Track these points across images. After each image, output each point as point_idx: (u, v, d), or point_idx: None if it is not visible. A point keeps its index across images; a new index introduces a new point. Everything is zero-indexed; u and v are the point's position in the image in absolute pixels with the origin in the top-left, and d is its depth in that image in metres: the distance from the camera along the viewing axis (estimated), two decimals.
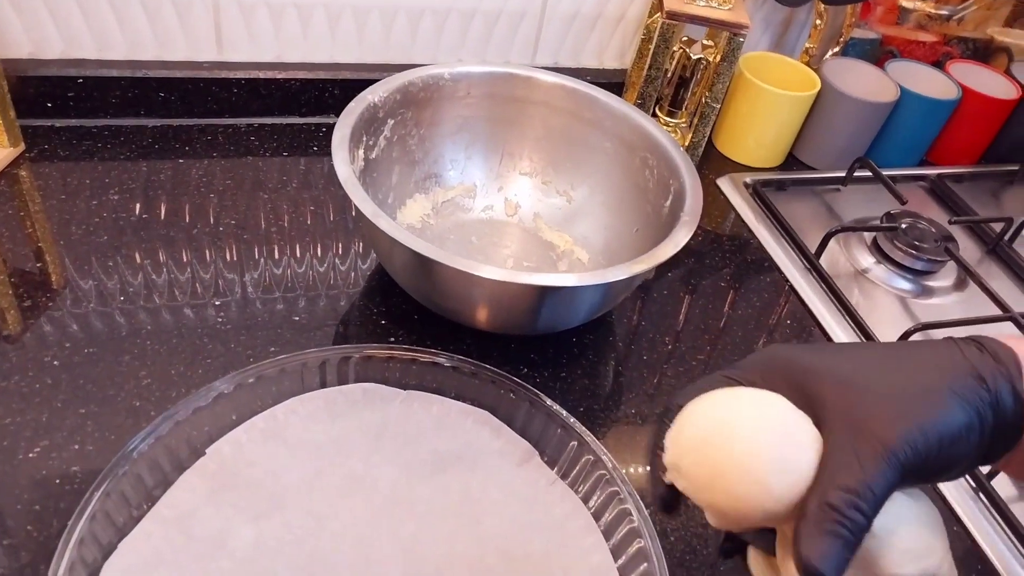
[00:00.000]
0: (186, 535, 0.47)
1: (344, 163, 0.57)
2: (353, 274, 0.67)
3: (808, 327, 0.74)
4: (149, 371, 0.56)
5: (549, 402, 0.55)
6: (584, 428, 0.54)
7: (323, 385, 0.56)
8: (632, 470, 0.59)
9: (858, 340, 0.73)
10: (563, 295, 0.57)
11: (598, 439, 0.54)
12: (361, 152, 0.63)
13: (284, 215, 0.71)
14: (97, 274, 0.62)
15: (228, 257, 0.66)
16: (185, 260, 0.64)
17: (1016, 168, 1.01)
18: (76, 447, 0.51)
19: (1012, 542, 0.60)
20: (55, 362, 0.55)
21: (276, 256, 0.67)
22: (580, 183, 0.74)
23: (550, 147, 0.74)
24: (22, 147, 0.69)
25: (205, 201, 0.70)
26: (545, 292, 0.56)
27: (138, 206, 0.68)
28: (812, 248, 0.81)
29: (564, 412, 0.55)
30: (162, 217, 0.67)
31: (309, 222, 0.71)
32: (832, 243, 0.82)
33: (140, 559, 0.45)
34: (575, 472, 0.55)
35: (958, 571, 0.37)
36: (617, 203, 0.72)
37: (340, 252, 0.69)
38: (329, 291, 0.65)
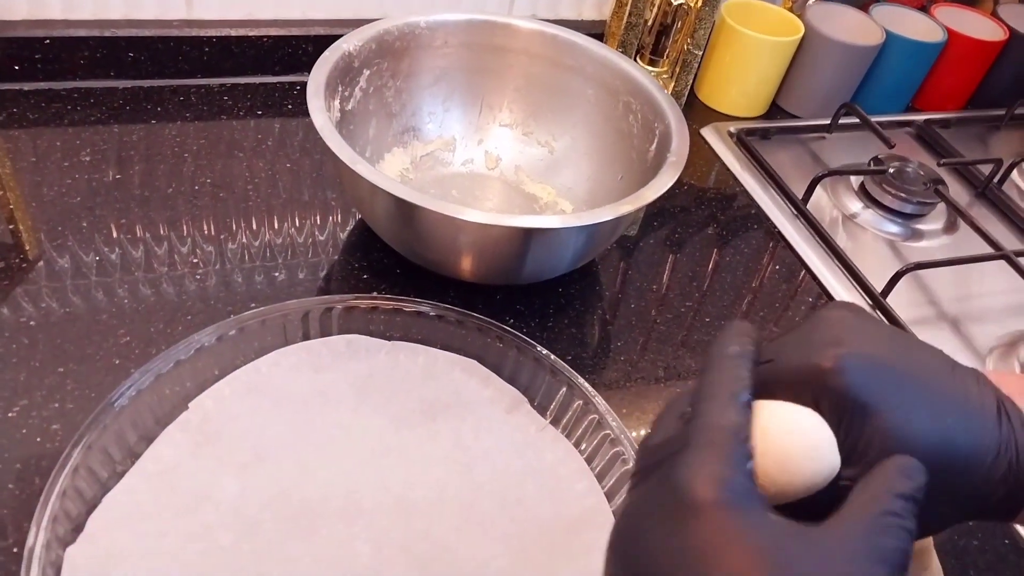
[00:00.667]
0: (170, 488, 0.46)
1: (320, 111, 0.56)
2: (334, 230, 0.66)
3: (797, 272, 0.74)
4: (128, 329, 0.55)
5: (538, 348, 0.55)
6: (574, 372, 0.54)
7: (306, 338, 0.55)
8: (623, 413, 0.58)
9: (850, 285, 0.72)
10: (548, 238, 0.56)
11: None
12: (337, 103, 0.62)
13: (261, 174, 0.69)
14: (71, 235, 0.60)
15: (205, 216, 0.64)
16: (161, 220, 0.63)
17: (1002, 112, 1.00)
18: (56, 405, 0.50)
19: None
20: (31, 323, 0.54)
21: (254, 215, 0.65)
22: (562, 133, 0.72)
23: (530, 97, 0.72)
24: None
25: (180, 162, 0.68)
26: (530, 235, 0.55)
27: (111, 168, 0.66)
28: (799, 195, 0.80)
29: (553, 357, 0.54)
30: (136, 179, 0.66)
31: (287, 180, 0.69)
32: (819, 190, 0.81)
33: (125, 513, 0.45)
34: (566, 418, 0.54)
35: None
36: (600, 151, 0.71)
37: (319, 209, 0.67)
38: (309, 248, 0.64)
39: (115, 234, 0.61)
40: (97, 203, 0.63)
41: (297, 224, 0.65)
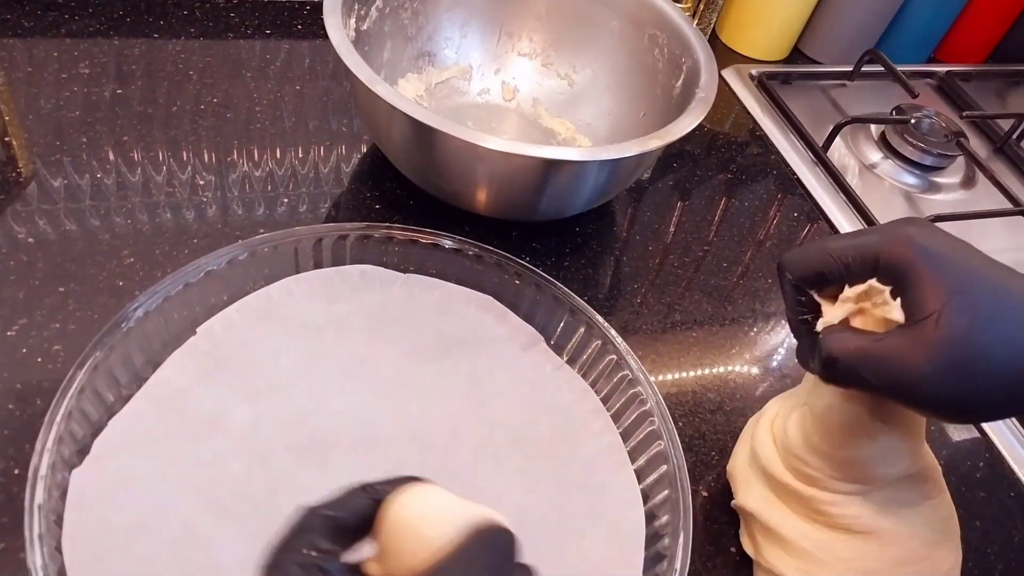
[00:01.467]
0: (179, 414, 0.45)
1: (336, 28, 0.53)
2: (345, 156, 0.63)
3: (814, 220, 0.72)
4: (132, 250, 0.53)
5: (558, 286, 0.53)
6: (594, 311, 0.52)
7: (317, 266, 0.53)
8: (638, 355, 0.57)
9: None
10: (570, 172, 0.54)
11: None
12: (352, 22, 0.59)
13: (269, 95, 0.66)
14: (70, 150, 0.57)
15: (211, 137, 0.61)
16: (165, 139, 0.60)
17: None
18: (57, 326, 0.48)
19: None
20: (29, 239, 0.52)
21: (262, 138, 0.63)
22: (583, 65, 0.70)
23: (552, 26, 0.69)
24: None
25: (184, 79, 0.65)
26: (551, 168, 0.52)
27: (111, 83, 0.63)
28: (819, 142, 0.78)
29: (572, 295, 0.53)
30: (138, 95, 0.63)
31: (294, 105, 0.66)
32: (838, 138, 0.79)
33: (132, 438, 0.43)
34: (583, 358, 0.53)
35: None
36: (623, 86, 0.68)
37: (329, 136, 0.65)
38: (320, 174, 0.61)
39: (116, 152, 0.58)
40: (97, 119, 0.60)
41: (305, 151, 0.63)
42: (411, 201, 0.61)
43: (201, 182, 0.58)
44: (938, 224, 0.69)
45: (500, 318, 0.54)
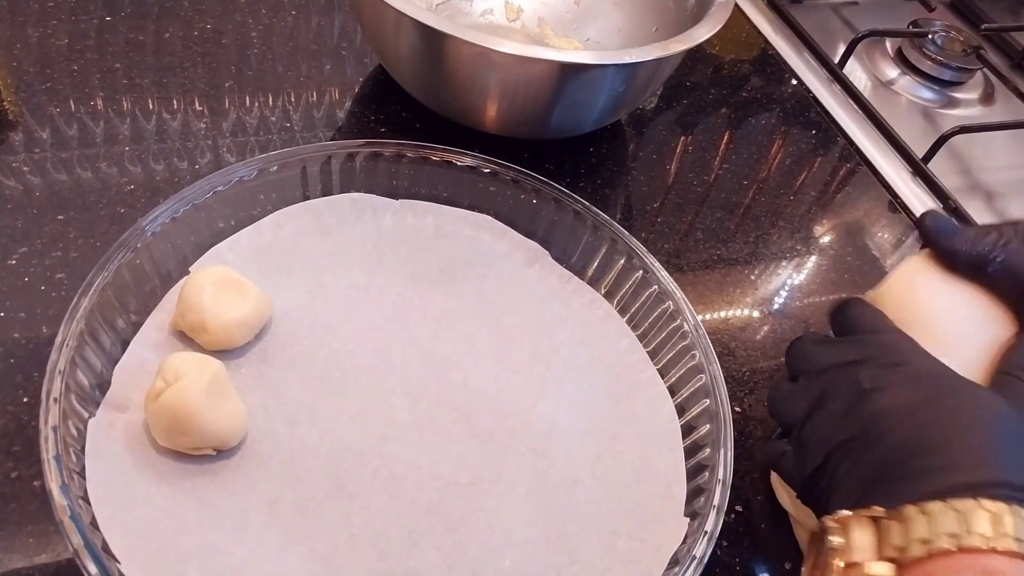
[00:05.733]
0: None
1: None
2: (348, 81, 0.61)
3: (833, 138, 0.70)
4: (131, 178, 0.50)
5: (580, 200, 0.51)
6: (618, 226, 0.50)
7: (325, 187, 0.51)
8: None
9: (888, 151, 0.69)
10: (586, 79, 0.51)
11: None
12: None
13: (265, 19, 0.63)
14: (61, 79, 0.55)
15: (207, 63, 0.59)
16: (158, 65, 0.58)
17: None
18: (58, 254, 0.46)
19: None
20: (24, 168, 0.49)
21: (260, 62, 0.60)
22: None
23: None
24: None
25: (176, 5, 0.62)
26: (567, 73, 0.50)
27: (99, 10, 0.60)
28: (835, 59, 0.75)
29: (595, 209, 0.51)
30: (127, 22, 0.60)
31: (294, 25, 0.63)
32: (852, 57, 0.77)
33: (143, 372, 0.41)
34: (609, 274, 0.51)
35: None
36: (632, 1, 0.65)
37: (331, 57, 0.62)
38: (321, 97, 0.59)
39: (109, 79, 0.56)
40: (87, 46, 0.57)
41: (306, 75, 0.60)
42: (417, 124, 0.59)
43: (199, 108, 0.56)
44: (961, 135, 0.68)
45: (500, 236, 0.53)
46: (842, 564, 0.31)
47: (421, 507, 0.40)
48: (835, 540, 0.32)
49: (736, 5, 0.81)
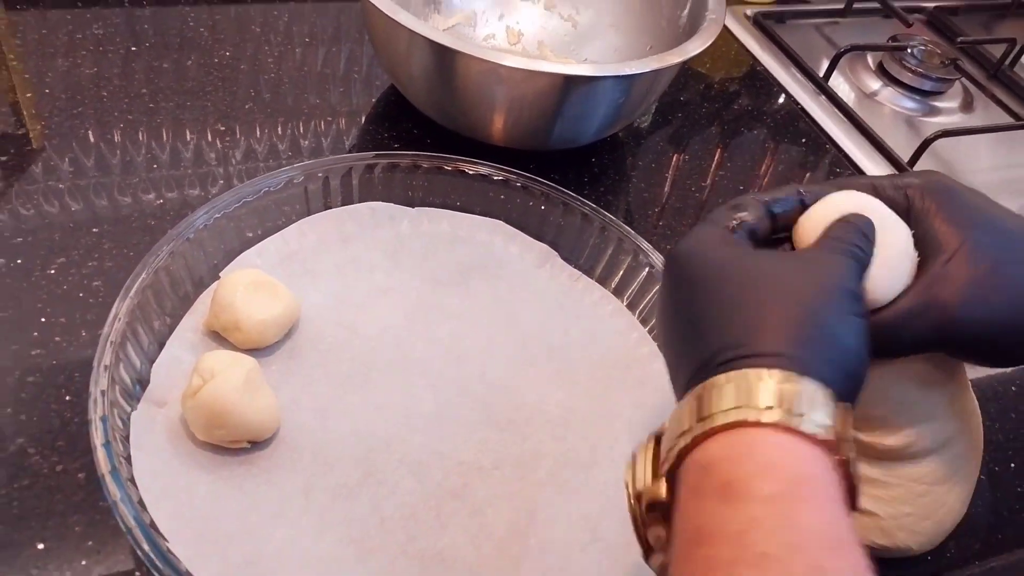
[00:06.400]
0: None
1: None
2: (361, 101, 0.64)
3: (822, 145, 0.73)
4: (159, 193, 0.53)
5: (588, 203, 0.54)
6: (624, 224, 0.53)
7: (346, 199, 0.54)
8: None
9: (876, 156, 0.72)
10: (586, 90, 0.54)
11: None
12: None
13: (279, 47, 0.67)
14: (91, 104, 0.58)
15: (226, 87, 0.62)
16: (182, 90, 0.61)
17: (1009, 1, 1.00)
18: (94, 264, 0.48)
19: None
20: (60, 185, 0.52)
21: (276, 87, 0.63)
22: (586, 5, 0.71)
23: None
24: None
25: (196, 36, 0.66)
26: (569, 85, 0.53)
27: (124, 40, 0.63)
28: (820, 73, 0.79)
29: (603, 211, 0.54)
30: (151, 51, 0.63)
31: (306, 55, 0.67)
32: (836, 71, 0.80)
33: (179, 371, 0.43)
34: (616, 272, 0.53)
35: None
36: (627, 22, 0.69)
37: (343, 81, 0.65)
38: (337, 118, 0.62)
39: (137, 103, 0.59)
40: (114, 73, 0.60)
41: (320, 96, 0.63)
42: (428, 139, 0.62)
43: (221, 128, 0.59)
44: (944, 139, 0.71)
45: (511, 239, 0.55)
46: (632, 501, 0.31)
47: (447, 491, 0.43)
48: (625, 474, 0.32)
49: (725, 26, 0.85)
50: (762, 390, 0.28)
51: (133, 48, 0.63)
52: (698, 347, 0.32)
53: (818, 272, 0.32)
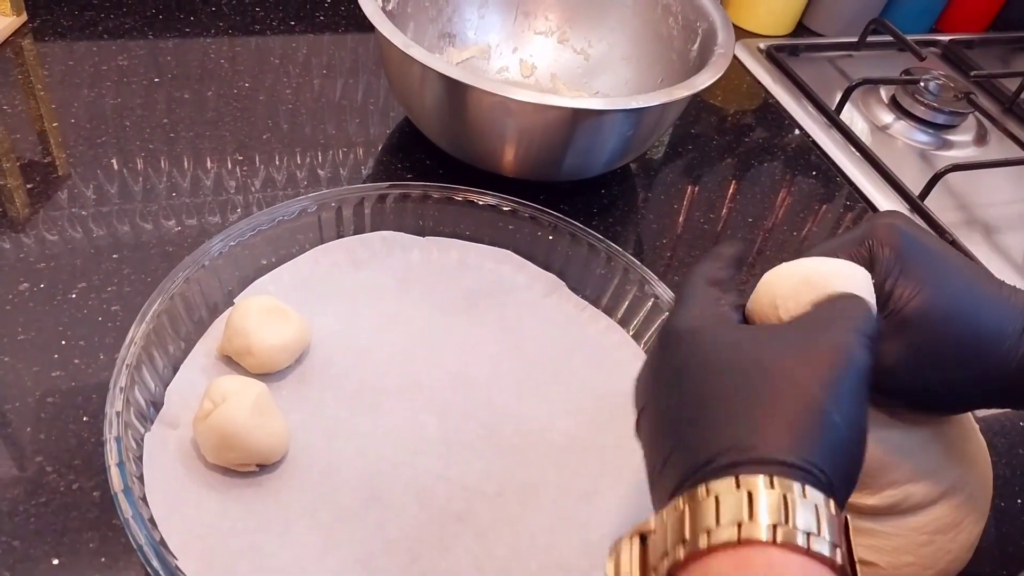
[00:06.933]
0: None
1: (369, 1, 0.56)
2: (375, 132, 0.66)
3: (833, 178, 0.74)
4: (178, 220, 0.55)
5: (594, 234, 0.55)
6: (630, 256, 0.54)
7: (358, 227, 0.55)
8: None
9: (888, 190, 0.72)
10: (596, 123, 0.56)
11: None
12: (378, 2, 0.61)
13: (297, 78, 0.69)
14: (114, 133, 0.60)
15: (245, 117, 0.64)
16: (203, 120, 0.63)
17: None
18: (113, 288, 0.50)
19: None
20: (83, 212, 0.54)
21: (294, 118, 0.65)
22: (599, 39, 0.72)
23: (567, 4, 0.72)
24: (24, 17, 0.66)
25: (216, 67, 0.68)
26: (578, 119, 0.54)
27: (148, 71, 0.66)
28: (832, 106, 0.80)
29: (609, 242, 0.54)
30: (173, 82, 0.65)
31: (324, 86, 0.69)
32: (849, 104, 0.81)
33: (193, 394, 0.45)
34: (622, 303, 0.54)
35: None
36: (638, 56, 0.70)
37: (359, 113, 0.67)
38: (353, 148, 0.64)
39: (157, 133, 0.61)
40: (137, 104, 0.63)
41: (336, 127, 0.65)
42: (441, 170, 0.63)
43: (240, 157, 0.60)
44: (956, 173, 0.71)
45: (519, 268, 0.56)
46: None
47: (451, 515, 0.43)
48: (607, 567, 0.29)
49: (737, 59, 0.86)
50: (768, 505, 0.26)
51: (156, 79, 0.65)
52: (694, 444, 0.29)
53: (827, 361, 0.30)
